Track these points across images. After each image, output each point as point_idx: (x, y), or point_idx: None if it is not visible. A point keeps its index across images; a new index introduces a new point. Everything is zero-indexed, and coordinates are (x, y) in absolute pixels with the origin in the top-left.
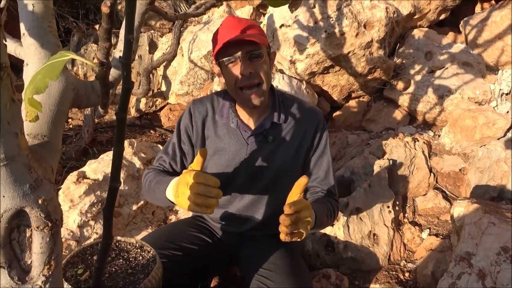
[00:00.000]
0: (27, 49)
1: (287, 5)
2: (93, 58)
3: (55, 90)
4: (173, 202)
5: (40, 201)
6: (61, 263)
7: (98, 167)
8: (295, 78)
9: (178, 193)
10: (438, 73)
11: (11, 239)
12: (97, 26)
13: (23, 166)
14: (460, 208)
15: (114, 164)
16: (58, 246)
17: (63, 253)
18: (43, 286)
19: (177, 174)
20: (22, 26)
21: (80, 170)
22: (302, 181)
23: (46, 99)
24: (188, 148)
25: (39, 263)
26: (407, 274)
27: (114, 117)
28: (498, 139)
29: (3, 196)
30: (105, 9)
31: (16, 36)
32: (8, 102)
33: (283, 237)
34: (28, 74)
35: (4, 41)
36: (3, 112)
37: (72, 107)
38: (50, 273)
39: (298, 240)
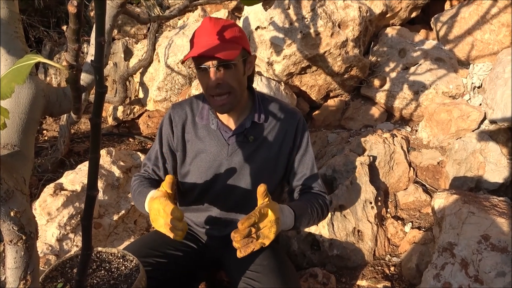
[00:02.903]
0: None
1: (261, 4)
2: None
3: (24, 97)
4: None
5: (12, 214)
6: (38, 277)
7: (76, 177)
8: (273, 79)
9: (152, 218)
10: (412, 69)
11: None
12: (64, 27)
13: None
14: (440, 200)
15: (90, 172)
16: (34, 259)
17: (42, 268)
18: None
19: (160, 180)
20: None
21: (57, 182)
22: (259, 189)
23: (15, 107)
24: (169, 154)
25: (14, 279)
26: (392, 268)
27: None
28: (473, 131)
29: None
30: (72, 9)
31: None
32: None
33: (239, 254)
34: None
35: None
36: None
37: (44, 114)
38: None
39: (264, 245)
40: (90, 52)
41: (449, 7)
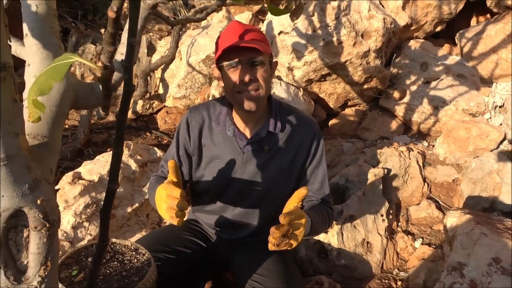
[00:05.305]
0: (29, 50)
1: (288, 15)
2: (91, 58)
3: (55, 91)
4: None
5: (38, 202)
6: (57, 264)
7: (94, 168)
8: (292, 85)
9: (157, 206)
10: (433, 84)
11: (8, 239)
12: (102, 31)
13: (22, 166)
14: (453, 219)
15: (112, 166)
16: (54, 247)
17: None
18: (38, 287)
19: None
20: (25, 27)
21: (75, 170)
22: (301, 192)
23: (47, 100)
24: (185, 157)
25: (35, 264)
26: (399, 283)
27: (109, 119)
28: (491, 151)
29: (2, 196)
30: (111, 13)
31: (16, 35)
32: (10, 102)
33: (271, 247)
34: (29, 74)
35: (9, 42)
36: (4, 112)
37: (71, 108)
38: (46, 274)
39: (288, 249)
40: (119, 50)
41: (475, 23)
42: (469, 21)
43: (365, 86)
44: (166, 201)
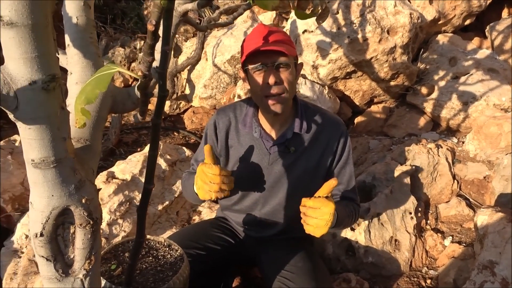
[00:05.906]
0: (71, 59)
1: (315, 18)
2: (120, 61)
3: None
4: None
5: (83, 201)
6: (100, 258)
7: (126, 167)
8: (317, 83)
9: (198, 185)
10: (462, 79)
11: (57, 235)
12: (141, 42)
13: (69, 168)
14: (484, 217)
15: (148, 167)
16: (97, 242)
17: None
18: (83, 279)
19: None
20: (66, 38)
21: (109, 170)
22: (332, 182)
23: (89, 106)
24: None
25: (81, 258)
26: (428, 281)
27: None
28: None
29: (52, 195)
30: (150, 27)
31: (58, 46)
32: (59, 110)
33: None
34: (71, 82)
35: (57, 54)
36: (54, 119)
37: (109, 112)
38: (90, 267)
39: (315, 234)
40: None
41: (507, 15)
42: (500, 13)
43: (392, 83)
44: (215, 179)
